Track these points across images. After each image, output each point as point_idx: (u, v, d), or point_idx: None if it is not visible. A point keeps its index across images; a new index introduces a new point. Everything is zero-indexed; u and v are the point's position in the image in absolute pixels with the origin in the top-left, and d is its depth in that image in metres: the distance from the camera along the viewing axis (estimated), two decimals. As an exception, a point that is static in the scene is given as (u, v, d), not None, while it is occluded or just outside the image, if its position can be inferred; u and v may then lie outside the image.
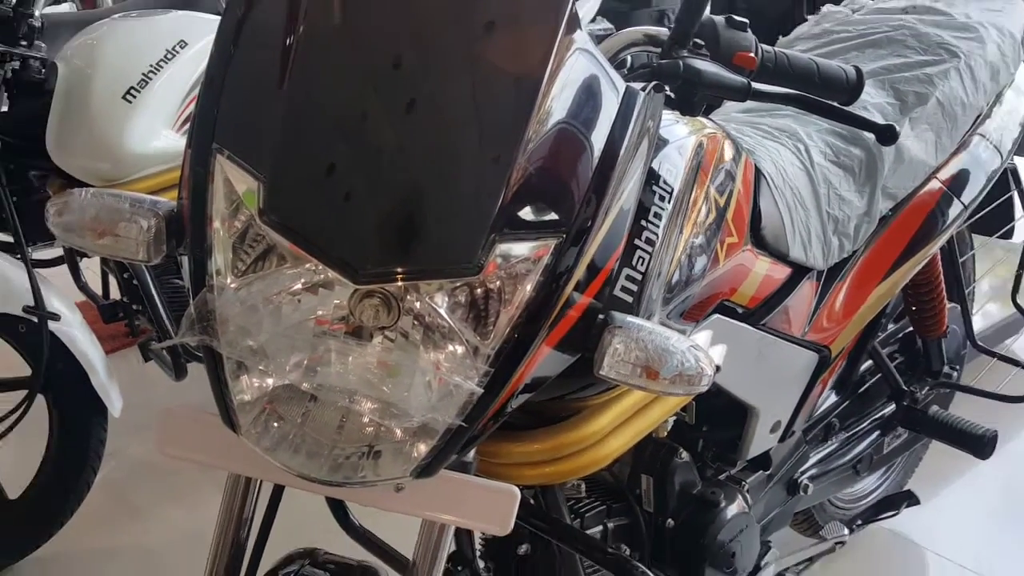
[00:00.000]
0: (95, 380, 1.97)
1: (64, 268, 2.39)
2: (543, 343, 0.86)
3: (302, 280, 0.81)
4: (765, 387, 1.35)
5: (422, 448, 0.85)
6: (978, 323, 2.03)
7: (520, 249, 0.82)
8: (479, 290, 0.83)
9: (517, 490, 0.92)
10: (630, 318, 0.89)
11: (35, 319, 1.87)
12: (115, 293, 2.42)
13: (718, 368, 1.19)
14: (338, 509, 1.47)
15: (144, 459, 2.46)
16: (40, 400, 1.96)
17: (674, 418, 1.29)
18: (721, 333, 1.21)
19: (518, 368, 0.84)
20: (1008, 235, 1.98)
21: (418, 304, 0.82)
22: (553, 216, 0.84)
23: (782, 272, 1.31)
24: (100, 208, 0.89)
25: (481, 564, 1.40)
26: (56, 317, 1.91)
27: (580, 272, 0.86)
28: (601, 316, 0.89)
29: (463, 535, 1.40)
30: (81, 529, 2.14)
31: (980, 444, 1.68)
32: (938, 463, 2.25)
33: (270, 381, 0.84)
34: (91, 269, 2.51)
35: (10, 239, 2.12)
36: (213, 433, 0.92)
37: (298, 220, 0.81)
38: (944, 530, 2.16)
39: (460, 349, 0.83)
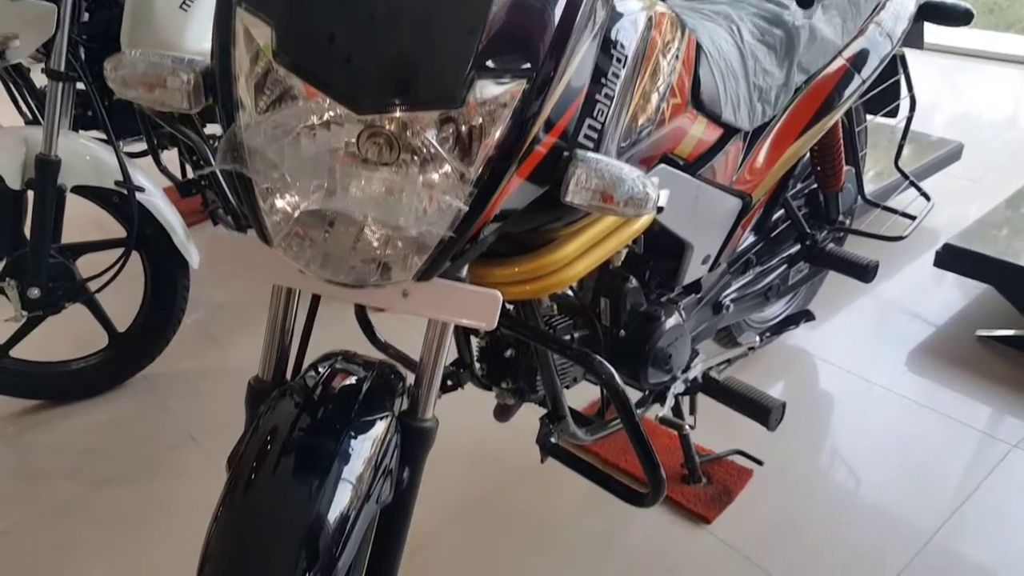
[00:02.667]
0: (176, 239, 1.92)
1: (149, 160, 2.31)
2: (515, 174, 0.79)
3: (315, 116, 0.74)
4: (699, 226, 1.29)
5: (420, 259, 0.80)
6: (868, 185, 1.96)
7: (494, 89, 0.75)
8: (463, 127, 0.76)
9: (499, 293, 0.87)
10: (590, 153, 0.82)
11: (125, 191, 1.81)
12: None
13: (661, 209, 1.13)
14: (366, 327, 1.44)
15: (221, 303, 2.43)
16: (137, 258, 1.92)
17: (626, 249, 1.24)
18: (666, 180, 1.14)
19: (496, 191, 0.78)
20: (893, 113, 1.88)
21: (415, 140, 0.75)
22: (522, 63, 0.76)
23: (715, 132, 1.23)
24: (147, 64, 0.80)
25: (477, 366, 1.38)
26: (141, 189, 1.84)
27: (545, 114, 0.79)
28: (566, 153, 0.82)
29: (463, 344, 1.38)
30: (177, 355, 2.13)
31: (865, 271, 1.63)
32: (831, 295, 2.23)
33: (295, 199, 0.78)
34: (171, 162, 2.41)
35: (103, 136, 2.03)
36: (253, 252, 0.86)
37: (307, 61, 0.73)
38: (833, 344, 2.16)
39: (449, 175, 0.76)
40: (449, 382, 1.39)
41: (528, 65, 0.76)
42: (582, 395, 1.85)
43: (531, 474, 1.74)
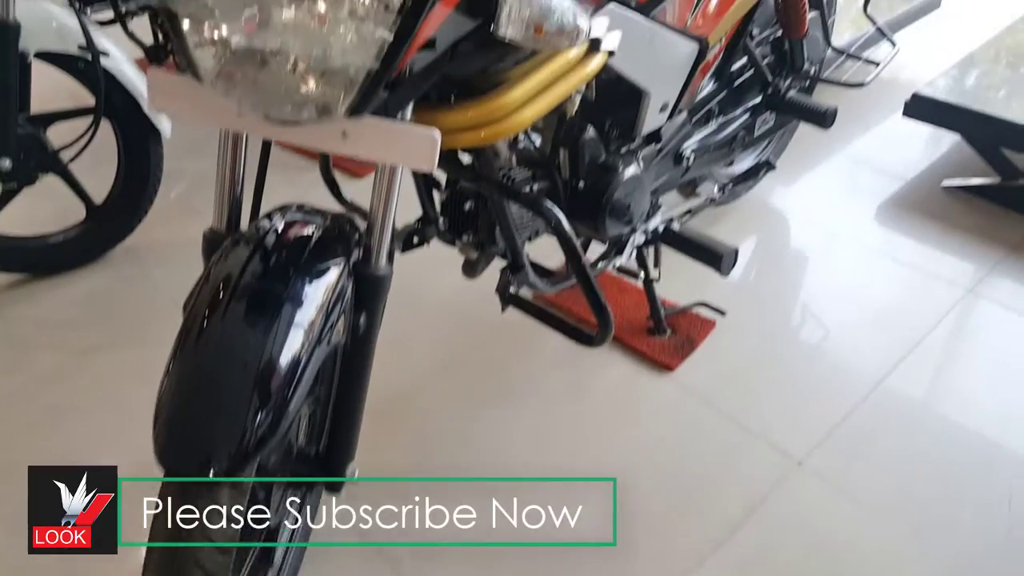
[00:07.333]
0: (145, 107, 1.89)
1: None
2: (441, 2, 0.77)
3: None
4: (655, 72, 1.27)
5: (351, 97, 0.80)
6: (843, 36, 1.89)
7: None
8: None
9: (436, 132, 0.87)
10: None
11: (89, 56, 1.76)
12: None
13: (612, 53, 1.10)
14: (331, 185, 1.45)
15: (199, 174, 2.40)
16: (109, 130, 1.89)
17: (580, 96, 1.22)
18: (616, 20, 1.11)
19: (419, 21, 0.76)
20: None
21: None
22: None
23: (668, -29, 1.18)
24: None
25: (441, 221, 1.39)
26: (106, 54, 1.79)
27: None
28: None
29: (426, 199, 1.39)
30: (159, 227, 2.13)
31: (823, 117, 1.61)
32: (802, 153, 2.22)
33: (223, 32, 0.76)
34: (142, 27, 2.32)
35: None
36: (194, 93, 0.85)
37: None
38: (802, 200, 2.18)
39: (372, 3, 0.75)
40: (415, 239, 1.41)
41: None
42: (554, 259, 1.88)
43: (505, 332, 1.79)
